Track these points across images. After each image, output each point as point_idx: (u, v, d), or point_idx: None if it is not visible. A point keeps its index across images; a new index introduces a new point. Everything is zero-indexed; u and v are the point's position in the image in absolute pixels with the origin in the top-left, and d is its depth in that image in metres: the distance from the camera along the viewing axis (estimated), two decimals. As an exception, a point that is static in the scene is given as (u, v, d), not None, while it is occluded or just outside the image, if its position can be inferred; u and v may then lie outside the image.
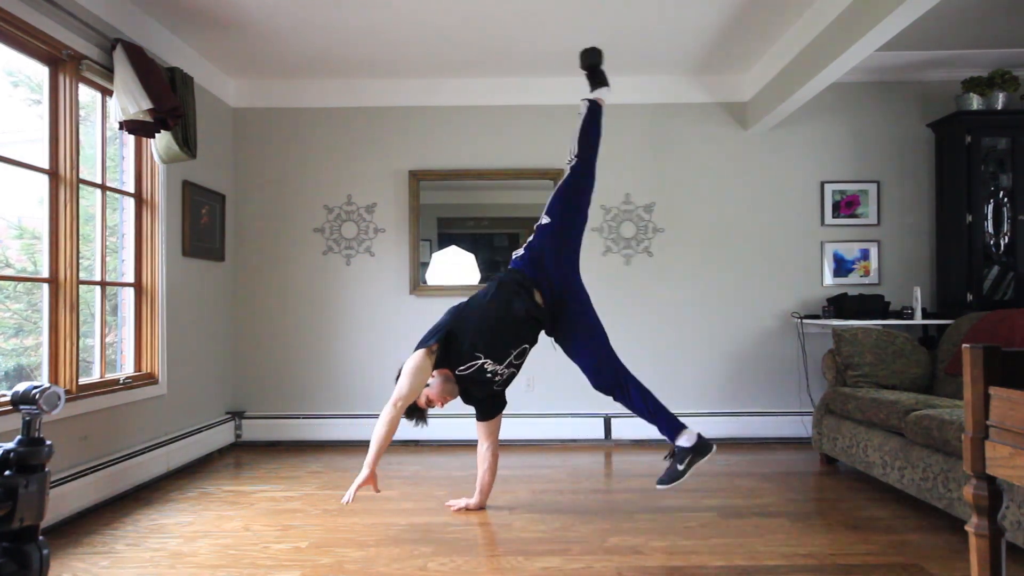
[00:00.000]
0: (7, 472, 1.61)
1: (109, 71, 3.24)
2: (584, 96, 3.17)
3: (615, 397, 2.88)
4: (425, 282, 4.70)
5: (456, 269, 4.72)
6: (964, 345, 1.57)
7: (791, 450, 4.34)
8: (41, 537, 1.67)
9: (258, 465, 4.04)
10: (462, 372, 2.84)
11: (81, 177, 3.16)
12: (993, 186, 4.28)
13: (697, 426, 4.66)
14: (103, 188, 3.43)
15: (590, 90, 3.18)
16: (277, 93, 4.71)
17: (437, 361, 2.82)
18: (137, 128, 3.24)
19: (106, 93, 3.42)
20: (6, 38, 2.80)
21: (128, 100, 3.15)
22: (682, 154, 4.71)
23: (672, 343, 4.67)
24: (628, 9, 3.61)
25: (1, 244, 3.02)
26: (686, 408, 4.60)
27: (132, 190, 3.69)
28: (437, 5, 3.53)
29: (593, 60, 3.18)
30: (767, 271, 4.66)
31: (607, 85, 3.19)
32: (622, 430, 4.58)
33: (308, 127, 4.74)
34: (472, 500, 3.12)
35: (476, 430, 3.10)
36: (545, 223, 2.97)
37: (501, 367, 2.84)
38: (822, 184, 4.65)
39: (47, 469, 1.68)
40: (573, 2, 3.52)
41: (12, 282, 3.04)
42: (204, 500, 3.32)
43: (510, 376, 2.93)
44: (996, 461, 1.48)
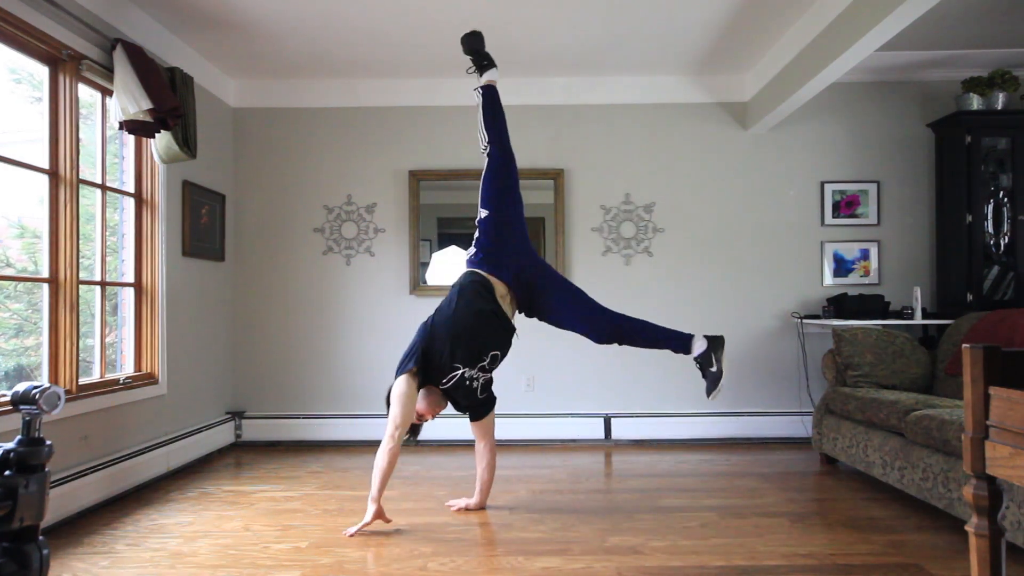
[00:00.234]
0: (7, 472, 1.61)
1: (109, 71, 3.24)
2: (475, 86, 3.15)
3: (620, 344, 2.96)
4: (425, 282, 4.69)
5: (456, 269, 4.69)
6: (964, 345, 1.57)
7: (791, 450, 4.34)
8: (41, 537, 1.67)
9: (258, 465, 4.04)
10: (446, 385, 2.86)
11: (81, 177, 3.16)
12: (993, 186, 4.28)
13: (697, 426, 4.64)
14: (103, 188, 3.43)
15: (479, 75, 3.15)
16: (277, 93, 4.71)
17: (420, 381, 2.85)
18: (137, 128, 3.24)
19: (106, 93, 3.42)
20: (6, 38, 2.80)
21: (128, 100, 3.15)
22: (682, 154, 4.71)
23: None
24: (628, 9, 3.61)
25: (1, 244, 3.02)
26: (686, 408, 4.61)
27: (132, 190, 3.69)
28: (437, 5, 3.53)
29: (475, 44, 3.13)
30: (767, 271, 4.66)
31: (495, 66, 3.15)
32: (622, 430, 4.58)
33: (308, 127, 4.74)
34: (472, 500, 3.12)
35: (472, 430, 3.11)
36: (484, 216, 2.99)
37: (474, 371, 2.86)
38: (822, 184, 4.65)
39: (47, 469, 1.68)
40: (573, 2, 3.52)
41: (12, 282, 3.04)
42: (204, 500, 3.32)
43: (487, 382, 2.95)
44: (996, 461, 1.48)
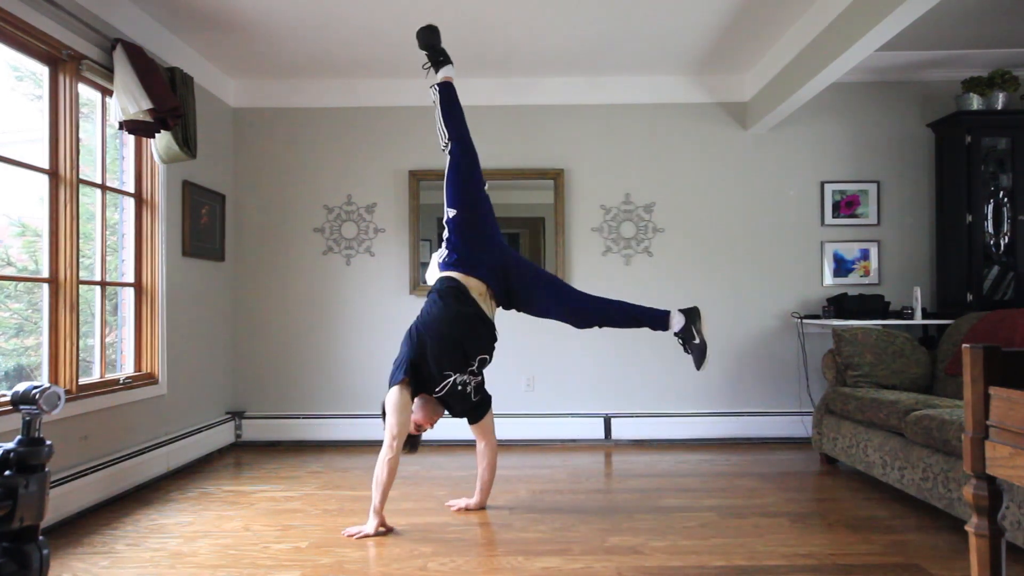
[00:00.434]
0: (7, 472, 1.61)
1: (109, 71, 3.24)
2: (431, 83, 3.10)
3: (601, 325, 2.98)
4: (425, 282, 4.69)
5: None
6: (964, 345, 1.57)
7: (791, 450, 4.34)
8: (41, 537, 1.67)
9: (258, 465, 4.04)
10: (439, 393, 2.86)
11: (81, 177, 3.16)
12: (993, 186, 4.28)
13: (697, 426, 4.67)
14: (103, 188, 3.43)
15: (434, 72, 3.10)
16: (277, 93, 4.71)
17: (414, 390, 2.83)
18: (137, 128, 3.24)
19: (106, 93, 3.42)
20: (6, 38, 2.80)
21: (128, 100, 3.15)
22: (682, 154, 4.71)
23: (672, 343, 4.65)
24: (628, 9, 3.60)
25: (2, 243, 3.02)
26: (686, 408, 4.61)
27: (132, 190, 3.69)
28: (437, 5, 3.53)
29: (430, 39, 3.07)
30: (767, 271, 4.66)
31: (450, 62, 3.11)
32: (622, 430, 4.58)
33: (308, 127, 4.74)
34: (472, 500, 3.12)
35: (472, 432, 3.10)
36: (453, 215, 2.96)
37: (464, 376, 2.85)
38: (822, 184, 4.65)
39: (47, 469, 1.68)
40: (573, 2, 3.52)
41: (13, 282, 3.04)
42: (204, 500, 3.32)
43: (478, 384, 2.94)
44: (996, 461, 1.48)
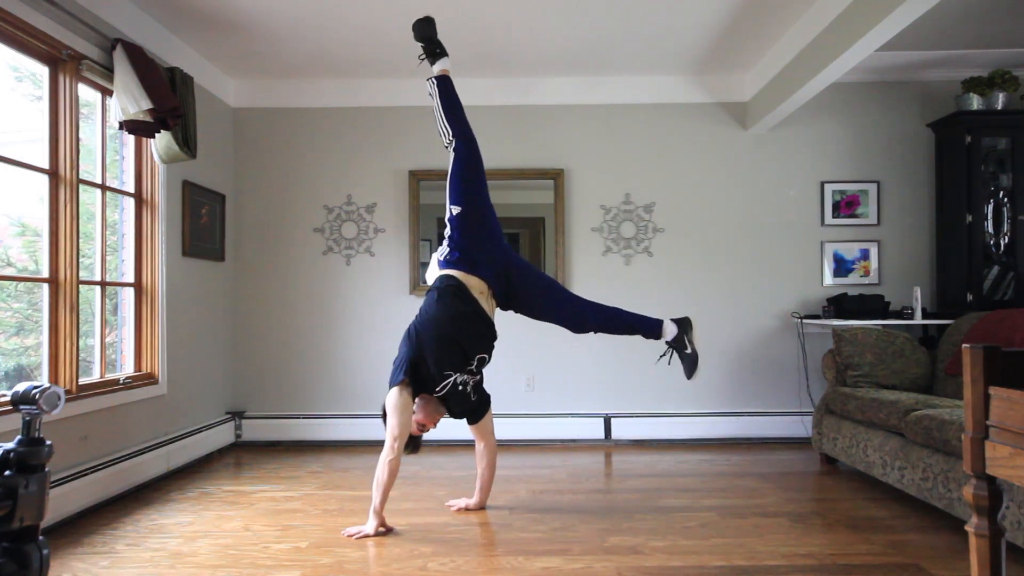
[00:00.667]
0: (7, 472, 1.61)
1: (109, 71, 3.24)
2: (428, 76, 3.07)
3: (597, 331, 3.00)
4: (425, 282, 4.69)
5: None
6: (964, 345, 1.57)
7: (791, 450, 4.34)
8: (41, 537, 1.67)
9: (258, 465, 4.04)
10: (440, 393, 2.84)
11: (81, 177, 3.16)
12: (993, 186, 4.28)
13: (697, 426, 4.67)
14: (103, 188, 3.43)
15: (431, 64, 3.07)
16: (277, 93, 4.71)
17: (415, 390, 2.82)
18: (137, 128, 3.24)
19: (106, 93, 3.42)
20: (6, 38, 2.80)
21: (128, 100, 3.15)
22: (682, 154, 4.71)
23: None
24: (628, 9, 3.60)
25: (2, 243, 3.02)
26: (686, 408, 4.61)
27: (132, 190, 3.69)
28: (437, 5, 3.53)
29: (427, 31, 3.03)
30: (767, 271, 4.66)
31: (447, 55, 3.07)
32: (622, 430, 4.58)
33: (308, 127, 4.74)
34: (472, 500, 3.12)
35: (471, 432, 3.10)
36: (457, 212, 2.93)
37: (464, 376, 2.84)
38: (822, 184, 4.65)
39: (47, 469, 1.68)
40: (573, 2, 3.52)
41: (13, 282, 3.04)
42: (204, 500, 3.32)
43: (477, 384, 2.93)
44: (996, 461, 1.48)
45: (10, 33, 2.78)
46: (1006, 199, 4.24)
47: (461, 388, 2.84)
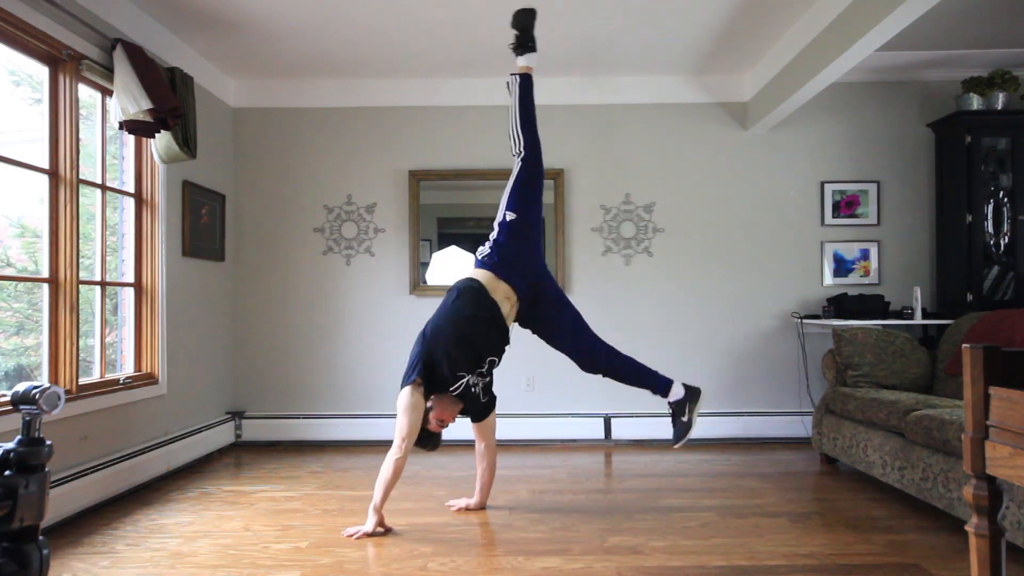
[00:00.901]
0: (7, 472, 1.61)
1: (109, 71, 3.24)
2: (512, 72, 3.04)
3: (604, 375, 2.98)
4: (425, 282, 4.69)
5: (456, 269, 4.71)
6: (964, 345, 1.57)
7: (791, 450, 4.34)
8: (41, 537, 1.67)
9: (258, 465, 4.04)
10: (455, 393, 2.84)
11: (81, 177, 3.16)
12: (993, 186, 4.28)
13: (697, 427, 4.66)
14: (103, 188, 3.43)
15: (517, 55, 3.03)
16: (277, 93, 4.71)
17: (427, 390, 2.83)
18: (137, 128, 3.24)
19: (106, 93, 3.42)
20: (6, 38, 2.80)
21: (128, 100, 3.15)
22: (682, 154, 4.71)
23: (672, 343, 4.67)
24: (628, 9, 3.60)
25: (2, 244, 3.02)
26: (686, 408, 4.60)
27: (132, 190, 3.69)
28: (437, 5, 3.53)
29: (525, 21, 3.01)
30: (767, 271, 4.66)
31: (535, 51, 3.04)
32: (622, 430, 4.58)
33: (308, 127, 4.74)
34: (472, 500, 3.12)
35: (473, 431, 3.10)
36: (511, 219, 2.93)
37: (474, 377, 2.86)
38: (822, 184, 4.65)
39: (47, 469, 1.68)
40: (573, 2, 3.52)
41: (12, 282, 3.04)
42: (204, 500, 3.32)
43: (486, 386, 2.95)
44: (996, 461, 1.48)
45: (10, 33, 2.78)
46: (1006, 199, 4.24)
47: (473, 389, 2.85)
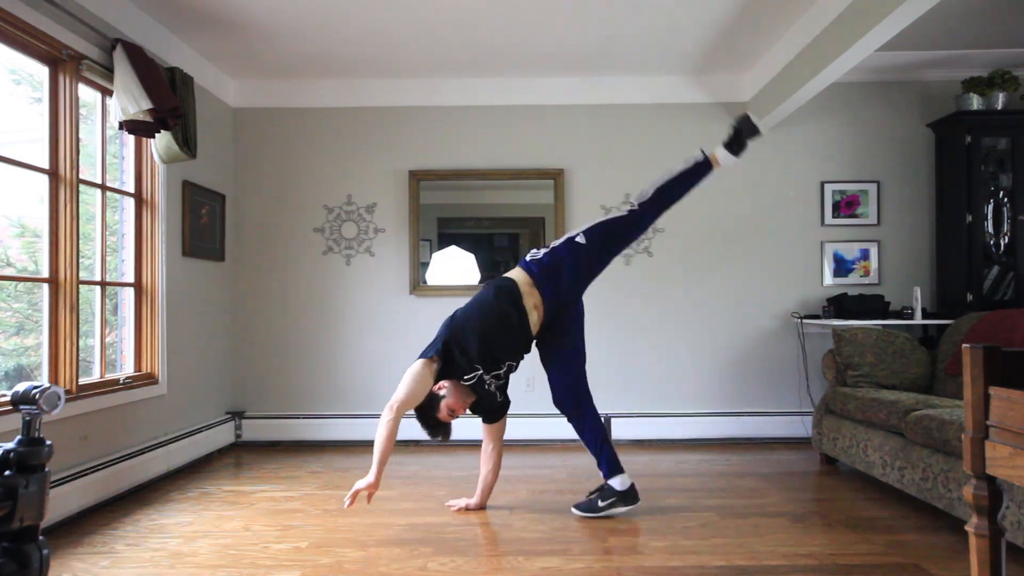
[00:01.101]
0: (7, 472, 1.61)
1: (109, 71, 3.24)
2: (708, 150, 3.08)
3: (570, 418, 3.05)
4: (425, 282, 4.69)
5: (456, 269, 4.72)
6: (964, 345, 1.57)
7: (791, 450, 4.34)
8: (41, 537, 1.67)
9: (258, 465, 4.04)
10: (467, 382, 2.88)
11: (81, 177, 3.16)
12: (993, 186, 4.28)
13: (697, 426, 4.64)
14: (103, 188, 3.43)
15: (722, 147, 3.06)
16: (277, 93, 4.71)
17: (441, 373, 2.85)
18: (137, 128, 3.24)
19: (106, 93, 3.41)
20: (6, 38, 2.80)
21: (128, 100, 3.15)
22: (682, 154, 4.63)
23: (672, 343, 4.67)
24: (628, 9, 3.60)
25: (2, 244, 3.02)
26: (686, 408, 4.61)
27: (132, 190, 3.69)
28: (437, 5, 3.53)
29: (750, 133, 3.04)
30: (767, 271, 4.66)
31: (737, 156, 3.06)
32: (622, 430, 4.58)
33: (308, 127, 4.74)
34: (472, 500, 3.12)
35: (482, 432, 3.12)
36: (580, 242, 2.97)
37: (490, 377, 2.89)
38: (822, 184, 4.65)
39: (47, 469, 1.68)
40: (573, 2, 3.52)
41: (12, 282, 3.04)
42: (204, 500, 3.31)
43: (500, 388, 3.00)
44: (996, 461, 1.48)
45: (10, 33, 2.78)
46: (1006, 199, 4.24)
47: (488, 386, 2.90)
